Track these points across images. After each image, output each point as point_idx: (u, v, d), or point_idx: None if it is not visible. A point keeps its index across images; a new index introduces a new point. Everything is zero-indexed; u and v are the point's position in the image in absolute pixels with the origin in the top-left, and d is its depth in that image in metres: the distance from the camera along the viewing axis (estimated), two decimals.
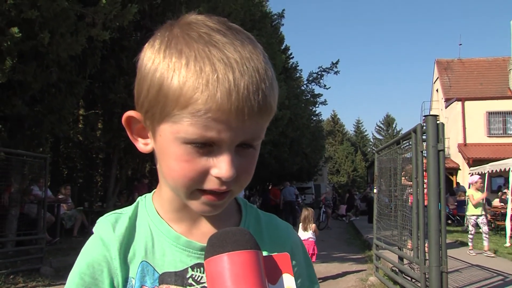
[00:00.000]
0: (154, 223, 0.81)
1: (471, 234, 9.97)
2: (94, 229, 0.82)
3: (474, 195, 9.95)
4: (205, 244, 0.72)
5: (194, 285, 0.77)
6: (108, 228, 0.79)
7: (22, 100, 7.47)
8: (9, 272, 6.76)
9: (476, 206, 9.88)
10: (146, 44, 0.75)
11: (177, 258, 0.78)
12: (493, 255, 9.56)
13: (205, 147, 0.68)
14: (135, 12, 7.51)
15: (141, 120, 0.76)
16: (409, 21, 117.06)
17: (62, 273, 7.44)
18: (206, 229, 0.81)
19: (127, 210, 0.83)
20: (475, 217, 9.88)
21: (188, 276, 0.77)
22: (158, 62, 0.70)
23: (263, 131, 0.73)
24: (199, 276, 0.78)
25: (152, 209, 0.83)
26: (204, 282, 0.77)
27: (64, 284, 0.79)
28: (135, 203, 0.85)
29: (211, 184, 0.71)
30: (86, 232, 12.15)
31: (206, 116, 0.65)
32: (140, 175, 14.69)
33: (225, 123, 0.66)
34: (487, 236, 9.78)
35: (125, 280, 0.77)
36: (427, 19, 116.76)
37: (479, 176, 10.99)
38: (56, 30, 6.74)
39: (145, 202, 0.85)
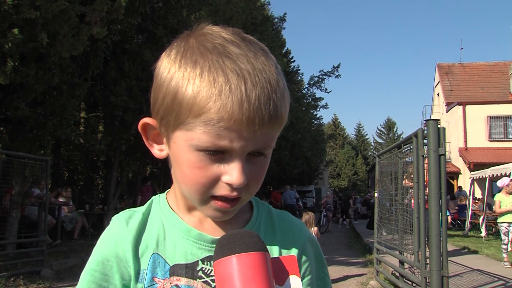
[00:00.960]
0: (167, 217, 0.84)
1: (504, 244, 8.91)
2: (108, 226, 0.84)
3: (503, 200, 9.08)
4: (216, 237, 0.77)
5: (204, 278, 0.79)
6: (121, 223, 0.82)
7: (25, 103, 7.49)
8: (9, 275, 6.75)
9: (506, 213, 8.93)
10: (163, 53, 0.78)
11: (188, 251, 0.81)
12: (509, 266, 8.60)
13: (217, 154, 0.71)
14: (125, 4, 7.52)
15: (157, 127, 0.78)
16: (410, 25, 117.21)
17: (63, 275, 7.44)
18: (217, 223, 0.83)
19: (142, 208, 0.86)
20: (506, 224, 8.91)
21: (198, 269, 0.79)
22: (173, 72, 0.73)
23: (273, 140, 0.75)
24: (209, 269, 0.80)
25: (165, 204, 0.86)
26: (213, 275, 0.78)
27: (64, 286, 0.81)
28: (149, 201, 0.88)
29: (222, 190, 0.73)
30: (86, 235, 12.17)
31: (219, 125, 0.68)
32: (144, 177, 14.67)
33: (237, 132, 0.69)
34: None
35: (138, 272, 0.79)
36: (429, 23, 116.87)
37: (510, 178, 9.91)
38: (58, 31, 6.76)
39: (159, 199, 0.88)
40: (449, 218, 11.80)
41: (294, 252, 0.86)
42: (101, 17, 7.18)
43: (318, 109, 30.08)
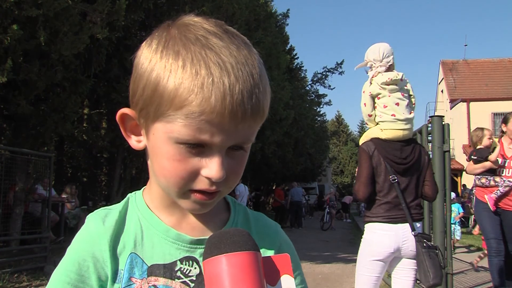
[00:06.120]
0: (144, 216, 0.82)
1: None
2: (83, 226, 0.82)
3: None
4: (195, 237, 0.78)
5: (182, 278, 0.78)
6: (97, 221, 0.80)
7: (27, 100, 7.49)
8: (13, 271, 6.76)
9: None
10: (143, 43, 0.77)
11: (166, 251, 0.79)
12: None
13: (197, 147, 0.70)
14: (125, 7, 7.50)
15: (135, 118, 0.77)
16: (414, 22, 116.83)
17: None
18: (195, 224, 0.82)
19: (117, 205, 0.84)
20: None
21: (176, 269, 0.78)
22: (155, 62, 0.71)
23: (254, 134, 0.75)
24: (187, 269, 0.79)
25: (142, 203, 0.84)
26: (192, 276, 0.78)
27: None
28: (125, 199, 0.86)
29: (201, 184, 0.72)
30: None
31: (200, 119, 0.67)
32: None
33: (218, 126, 0.68)
34: None
35: (115, 272, 0.77)
36: (433, 19, 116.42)
37: None
38: (59, 29, 6.76)
39: (135, 197, 0.86)
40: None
41: (270, 253, 0.85)
42: (101, 17, 7.17)
43: (321, 106, 30.14)
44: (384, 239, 3.04)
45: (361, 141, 3.34)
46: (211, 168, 0.70)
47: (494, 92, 27.64)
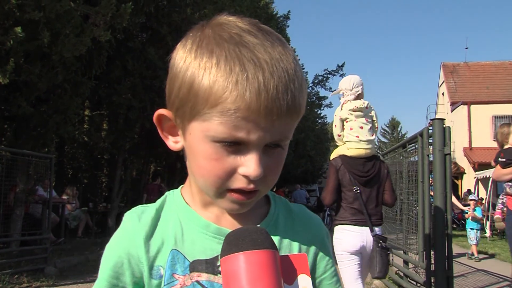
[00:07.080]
0: (183, 212, 0.83)
1: None
2: (121, 223, 0.83)
3: None
4: None
5: None
6: (134, 218, 0.81)
7: (28, 101, 7.49)
8: (13, 272, 6.75)
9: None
10: (179, 44, 0.77)
11: (207, 246, 0.79)
12: None
13: (234, 145, 0.70)
14: (130, 11, 7.50)
15: (172, 118, 0.77)
16: (415, 24, 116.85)
17: (66, 273, 7.44)
18: (235, 218, 0.82)
19: (155, 203, 0.85)
20: None
21: (218, 264, 0.78)
22: (189, 62, 0.71)
23: (291, 131, 0.74)
24: None
25: (181, 200, 0.84)
26: None
27: (68, 284, 0.79)
28: (162, 197, 0.87)
29: (238, 183, 0.72)
30: (90, 233, 12.19)
31: (236, 116, 0.67)
32: (153, 175, 14.61)
33: (254, 122, 0.68)
34: None
35: (151, 268, 0.78)
36: (434, 22, 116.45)
37: None
38: (61, 31, 6.77)
39: (173, 195, 0.87)
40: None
41: (313, 247, 0.86)
42: (105, 21, 7.17)
43: (322, 108, 30.09)
44: (352, 237, 3.64)
45: (331, 157, 3.93)
46: (248, 166, 0.70)
47: (495, 95, 27.62)
